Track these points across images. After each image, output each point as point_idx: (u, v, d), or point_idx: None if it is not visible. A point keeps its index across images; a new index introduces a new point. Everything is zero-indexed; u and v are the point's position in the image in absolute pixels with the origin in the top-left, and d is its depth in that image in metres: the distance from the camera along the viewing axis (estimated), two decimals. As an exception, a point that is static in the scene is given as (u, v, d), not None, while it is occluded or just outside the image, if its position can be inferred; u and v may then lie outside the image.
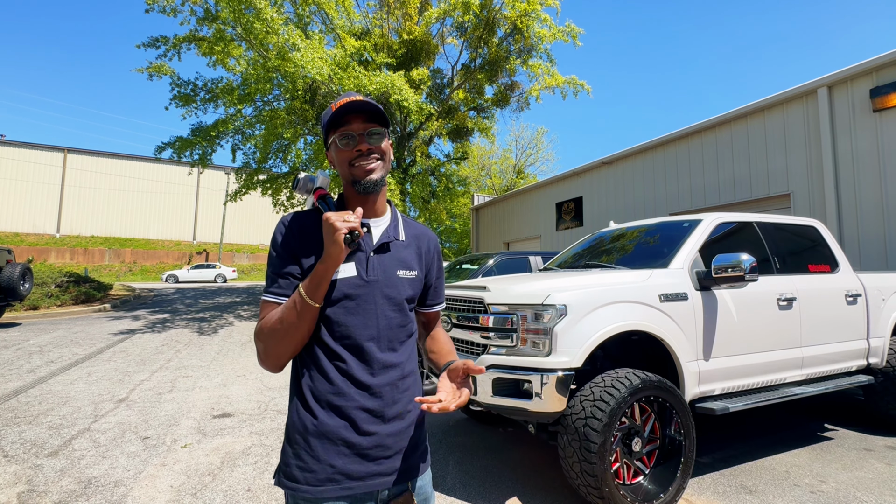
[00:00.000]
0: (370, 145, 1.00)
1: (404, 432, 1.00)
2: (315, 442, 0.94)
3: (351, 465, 0.94)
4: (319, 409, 0.95)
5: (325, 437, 0.94)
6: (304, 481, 0.93)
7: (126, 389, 5.04)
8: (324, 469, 0.93)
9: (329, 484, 0.92)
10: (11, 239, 30.19)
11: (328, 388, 0.96)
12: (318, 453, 0.93)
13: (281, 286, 0.98)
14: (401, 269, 1.04)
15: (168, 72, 10.59)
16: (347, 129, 0.99)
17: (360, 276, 0.99)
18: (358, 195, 1.04)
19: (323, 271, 0.92)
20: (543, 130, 33.87)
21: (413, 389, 1.05)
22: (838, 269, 3.74)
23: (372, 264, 1.01)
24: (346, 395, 0.95)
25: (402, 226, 1.11)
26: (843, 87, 6.72)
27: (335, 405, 0.95)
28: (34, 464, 3.13)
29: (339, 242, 0.89)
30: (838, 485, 2.87)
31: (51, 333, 8.66)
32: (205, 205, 38.04)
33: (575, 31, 11.31)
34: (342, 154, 1.01)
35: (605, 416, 2.34)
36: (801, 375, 3.32)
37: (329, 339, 0.97)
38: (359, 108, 0.99)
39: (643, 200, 10.17)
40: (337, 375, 0.96)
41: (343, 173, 1.03)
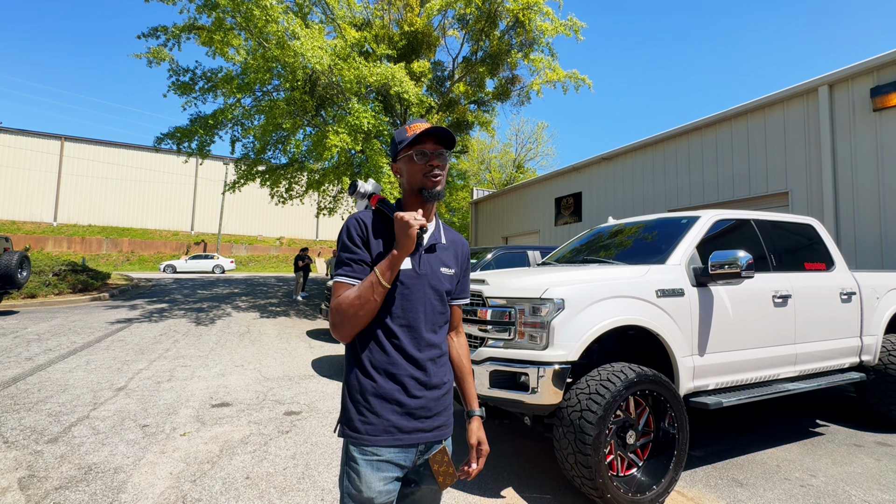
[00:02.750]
0: (440, 163, 1.24)
1: (442, 399, 1.24)
2: (374, 401, 1.16)
3: (402, 421, 1.17)
4: (378, 376, 1.17)
5: (383, 397, 1.16)
6: (366, 432, 1.15)
7: (125, 378, 5.07)
8: (381, 422, 1.15)
9: (385, 435, 1.15)
10: (8, 227, 30.04)
11: (385, 358, 1.18)
12: (377, 410, 1.16)
13: (355, 270, 1.19)
14: (443, 267, 1.27)
15: (166, 57, 10.48)
16: (423, 147, 1.22)
17: (415, 269, 1.21)
18: (421, 202, 1.26)
19: (397, 258, 1.14)
20: (544, 125, 33.80)
21: (447, 366, 1.30)
22: (834, 267, 3.78)
23: (423, 261, 1.24)
24: (398, 365, 1.18)
25: (444, 232, 1.34)
26: (843, 86, 6.72)
27: (391, 373, 1.17)
28: (34, 450, 3.16)
29: (412, 236, 1.13)
30: (828, 479, 2.92)
31: (49, 322, 8.67)
32: (203, 195, 37.88)
33: (577, 25, 11.24)
34: (416, 166, 1.23)
35: (601, 409, 2.38)
36: (795, 372, 3.36)
37: (387, 319, 1.19)
38: (434, 133, 1.22)
39: (642, 196, 10.18)
40: (392, 349, 1.18)
41: (413, 182, 1.25)
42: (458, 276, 1.33)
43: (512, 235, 15.71)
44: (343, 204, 16.14)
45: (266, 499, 2.57)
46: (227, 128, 12.04)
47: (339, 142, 9.33)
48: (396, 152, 1.28)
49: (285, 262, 36.27)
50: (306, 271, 14.80)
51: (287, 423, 3.81)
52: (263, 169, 13.71)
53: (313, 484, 2.76)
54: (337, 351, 7.04)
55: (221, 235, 35.63)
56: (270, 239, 40.00)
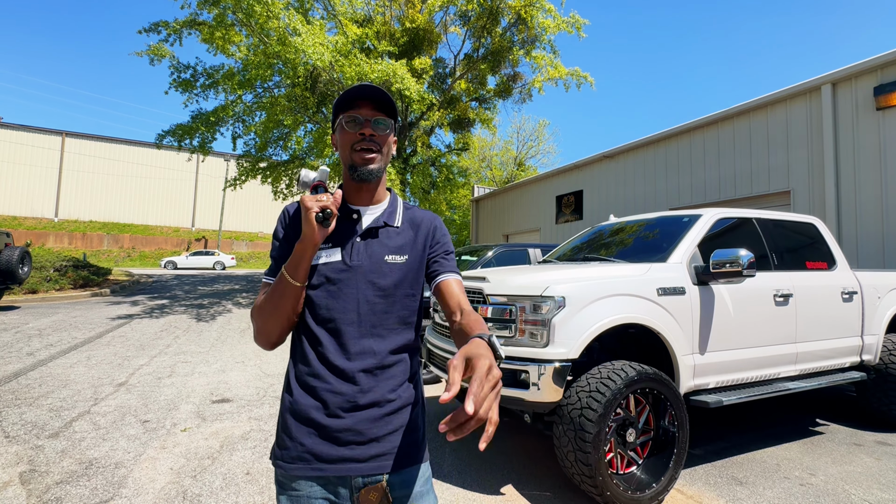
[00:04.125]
0: (374, 132, 1.00)
1: (382, 421, 0.97)
2: (290, 420, 0.96)
3: (320, 447, 0.94)
4: (297, 389, 0.98)
5: (298, 416, 0.96)
6: (280, 457, 0.96)
7: (125, 374, 5.08)
8: (295, 447, 0.95)
9: (299, 462, 0.94)
10: (9, 223, 30.07)
11: (305, 369, 0.98)
12: (291, 431, 0.96)
13: (274, 270, 1.03)
14: (389, 255, 1.03)
15: (167, 54, 10.48)
16: (356, 113, 1.00)
17: (344, 261, 1.00)
18: (353, 181, 1.04)
19: (300, 251, 0.94)
20: (545, 123, 33.71)
21: (399, 378, 1.01)
22: (835, 266, 3.77)
23: (357, 250, 1.02)
24: (320, 377, 0.96)
25: (401, 212, 1.10)
26: (846, 85, 6.69)
27: (310, 386, 0.97)
28: (35, 444, 3.17)
29: (310, 221, 0.91)
30: (827, 478, 2.92)
31: (50, 317, 8.68)
32: (204, 191, 37.88)
33: (580, 23, 11.20)
34: (346, 136, 1.01)
35: (601, 407, 2.37)
36: (795, 371, 3.36)
37: (312, 323, 0.99)
38: (369, 95, 1.00)
39: (643, 195, 10.16)
40: (314, 358, 0.98)
41: (344, 157, 1.03)
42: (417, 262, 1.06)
43: (513, 233, 15.70)
44: (344, 201, 16.12)
45: (266, 494, 2.58)
46: (229, 124, 12.03)
47: (341, 138, 9.31)
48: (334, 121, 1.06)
49: (286, 259, 36.27)
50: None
51: (287, 420, 3.82)
52: (264, 166, 13.71)
53: None
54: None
55: (222, 232, 35.65)
56: (271, 236, 40.02)
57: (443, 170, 16.47)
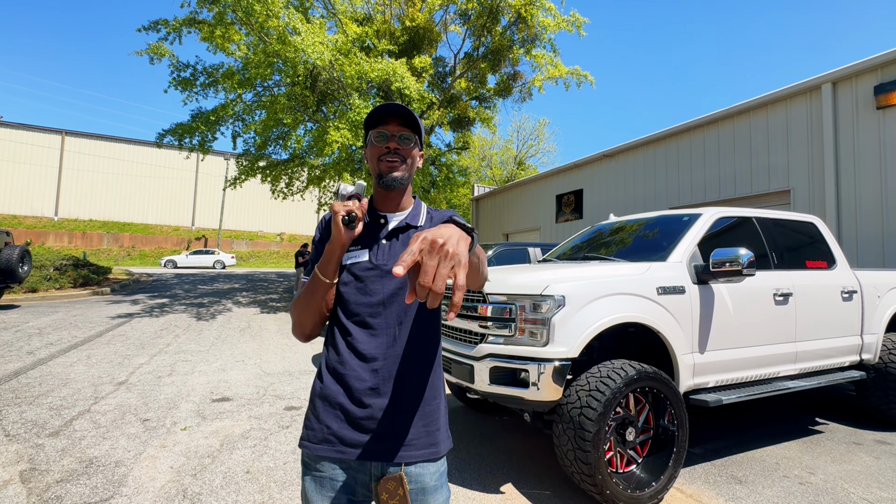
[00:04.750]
0: (399, 145, 1.12)
1: (404, 412, 1.04)
2: (319, 404, 1.07)
3: (344, 431, 1.03)
4: (327, 376, 1.09)
5: (326, 400, 1.06)
6: (307, 438, 1.06)
7: (125, 372, 5.08)
8: (321, 429, 1.04)
9: (324, 444, 1.03)
10: (9, 221, 30.06)
11: (335, 357, 1.09)
12: (319, 414, 1.06)
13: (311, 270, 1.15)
14: None
15: (167, 53, 10.45)
16: (383, 129, 1.13)
17: (370, 260, 1.12)
18: (380, 189, 1.16)
19: (330, 251, 1.07)
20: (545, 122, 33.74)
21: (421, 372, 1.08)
22: (835, 265, 3.77)
23: (383, 250, 1.13)
24: (347, 365, 1.06)
25: (424, 215, 1.21)
26: (847, 84, 6.69)
27: (338, 373, 1.07)
28: (35, 443, 3.17)
29: (337, 223, 1.04)
30: (827, 476, 2.92)
31: (50, 316, 8.69)
32: (204, 190, 37.87)
33: (580, 21, 11.17)
34: (374, 150, 1.14)
35: (601, 406, 2.38)
36: (795, 370, 3.36)
37: (342, 316, 1.11)
38: (395, 112, 1.12)
39: (643, 194, 10.16)
40: (344, 347, 1.09)
41: (372, 167, 1.16)
42: None
43: (513, 232, 15.71)
44: (344, 200, 16.12)
45: (266, 493, 2.58)
46: (229, 123, 12.02)
47: (340, 137, 9.31)
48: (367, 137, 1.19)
49: (286, 258, 36.29)
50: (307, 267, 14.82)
51: (287, 418, 3.82)
52: (264, 165, 13.70)
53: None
54: (337, 347, 7.04)
55: (222, 231, 35.64)
56: (271, 235, 40.01)
57: (443, 169, 16.46)
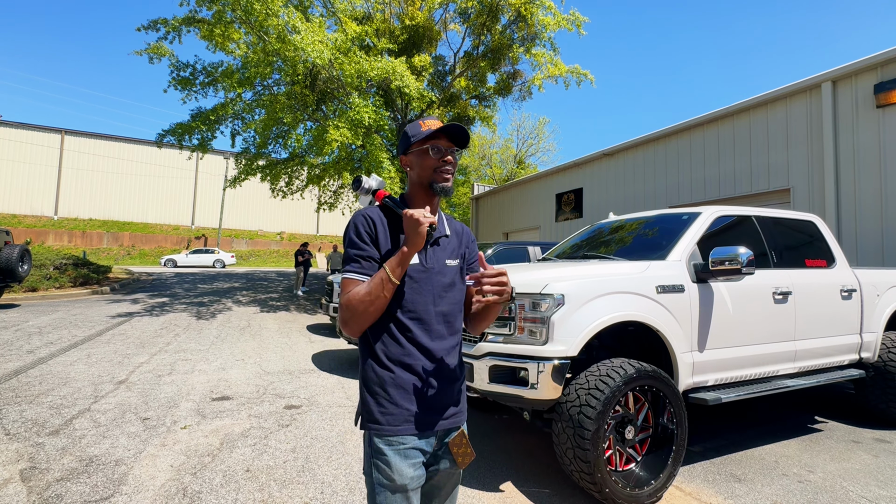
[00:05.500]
0: (453, 159, 1.28)
1: (456, 388, 1.28)
2: (393, 391, 1.20)
3: (421, 411, 1.21)
4: (395, 367, 1.21)
5: (401, 387, 1.20)
6: (387, 422, 1.19)
7: (125, 371, 5.09)
8: (401, 412, 1.19)
9: (405, 424, 1.19)
10: (9, 221, 30.05)
11: (400, 350, 1.22)
12: (396, 400, 1.20)
13: (364, 267, 1.22)
14: (448, 259, 1.31)
15: (167, 52, 10.44)
16: (438, 143, 1.26)
17: (422, 263, 1.25)
18: (428, 196, 1.30)
19: (407, 255, 1.16)
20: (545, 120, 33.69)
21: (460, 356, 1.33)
22: (835, 264, 3.77)
23: (430, 255, 1.27)
24: (414, 356, 1.22)
25: (447, 223, 1.37)
26: (847, 83, 6.69)
27: (407, 364, 1.21)
28: (36, 442, 3.17)
29: (422, 234, 1.14)
30: (825, 475, 2.93)
31: (50, 315, 8.69)
32: (203, 189, 37.84)
33: (579, 20, 11.16)
34: (429, 160, 1.26)
35: (600, 405, 2.38)
36: (794, 368, 3.36)
37: (398, 313, 1.22)
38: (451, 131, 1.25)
39: (643, 192, 10.16)
40: (406, 342, 1.22)
41: (423, 176, 1.28)
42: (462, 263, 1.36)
43: (512, 231, 15.70)
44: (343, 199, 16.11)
45: (266, 491, 2.59)
46: (228, 122, 12.00)
47: (340, 136, 9.30)
48: (409, 145, 1.30)
49: (286, 257, 36.29)
50: (307, 266, 14.82)
51: (287, 417, 3.83)
52: (264, 164, 13.68)
53: (313, 477, 2.78)
54: (337, 346, 7.05)
55: (222, 230, 35.63)
56: (271, 234, 40.00)
57: (442, 168, 16.40)
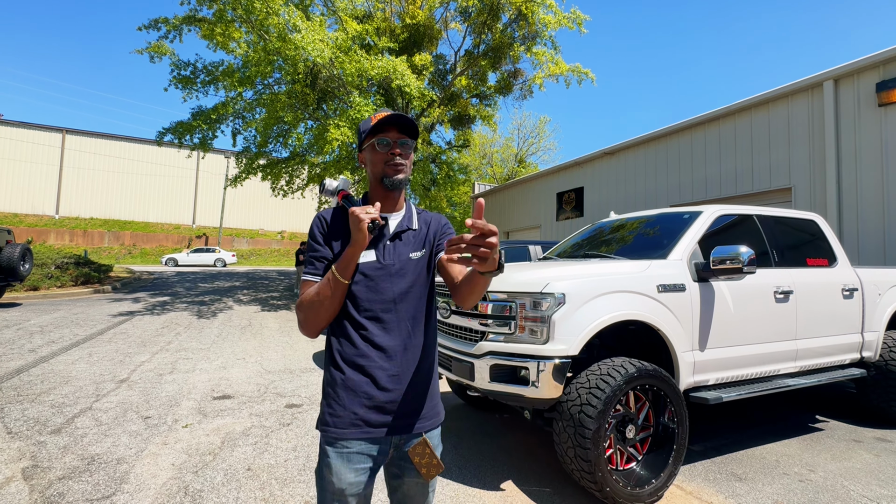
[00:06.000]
0: (401, 151, 1.23)
1: (420, 391, 1.21)
2: (343, 394, 1.16)
3: (370, 415, 1.15)
4: (347, 368, 1.17)
5: (351, 389, 1.16)
6: (333, 424, 1.16)
7: (127, 370, 5.10)
8: (348, 415, 1.15)
9: (352, 427, 1.15)
10: (10, 220, 30.09)
11: (354, 351, 1.17)
12: (344, 403, 1.16)
13: (317, 268, 1.21)
14: (412, 252, 1.25)
15: (167, 51, 10.44)
16: (385, 136, 1.22)
17: (378, 260, 1.21)
18: (384, 191, 1.26)
19: (351, 254, 1.13)
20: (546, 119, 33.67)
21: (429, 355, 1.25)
22: (836, 263, 3.76)
23: (388, 250, 1.23)
24: (368, 357, 1.17)
25: (416, 216, 1.33)
26: (849, 81, 6.66)
27: (359, 364, 1.17)
28: (37, 440, 3.18)
29: (363, 230, 1.11)
30: (826, 474, 2.93)
31: (51, 314, 8.71)
32: (204, 188, 37.85)
33: (581, 18, 11.14)
34: (378, 155, 1.23)
35: (600, 404, 2.38)
36: (795, 367, 3.36)
37: (354, 312, 1.19)
38: (396, 121, 1.21)
39: (644, 191, 10.15)
40: (360, 341, 1.17)
41: (376, 171, 1.25)
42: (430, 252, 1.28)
43: (513, 230, 15.69)
44: (344, 198, 16.10)
45: (267, 490, 2.59)
46: (229, 121, 12.01)
47: (341, 135, 9.30)
48: (361, 142, 1.28)
49: (287, 256, 36.31)
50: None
51: (288, 416, 3.83)
52: (265, 163, 13.69)
53: (314, 475, 2.78)
54: (338, 344, 7.05)
55: (223, 229, 35.66)
56: (272, 233, 40.03)
57: (443, 167, 16.43)
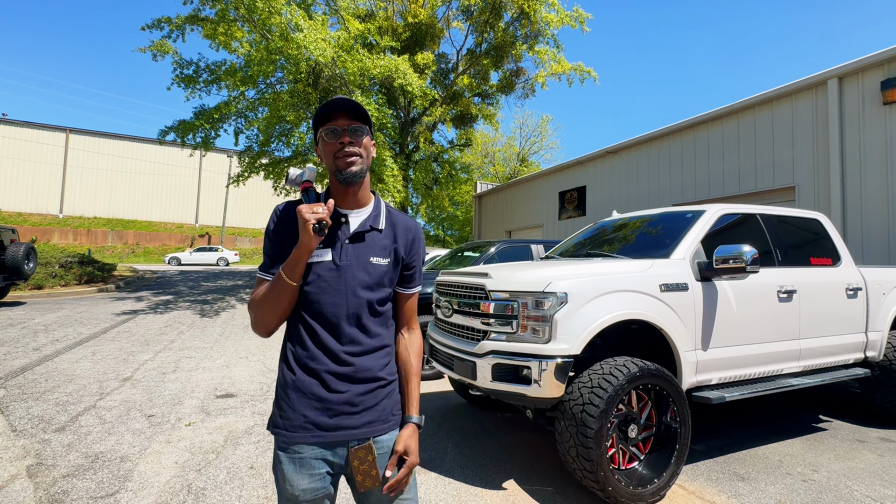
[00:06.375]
0: (352, 139, 1.11)
1: (373, 394, 1.15)
2: (293, 395, 1.11)
3: (320, 418, 1.10)
4: (298, 370, 1.12)
5: (300, 391, 1.11)
6: (283, 427, 1.11)
7: (130, 369, 5.12)
8: (297, 418, 1.09)
9: (302, 431, 1.09)
10: (14, 219, 30.24)
11: (304, 353, 1.12)
12: (294, 404, 1.11)
13: (269, 266, 1.14)
14: (374, 256, 1.16)
15: (170, 50, 10.48)
16: (333, 125, 1.11)
17: (334, 261, 1.13)
18: (339, 185, 1.15)
19: (297, 256, 1.06)
20: (548, 118, 33.59)
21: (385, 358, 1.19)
22: (840, 262, 3.74)
23: (346, 251, 1.14)
24: (318, 360, 1.11)
25: (384, 216, 1.22)
26: (853, 79, 6.63)
27: (309, 367, 1.11)
28: (42, 438, 3.20)
29: (308, 231, 1.03)
30: (830, 474, 2.92)
31: (55, 313, 8.75)
32: (207, 188, 37.96)
33: (583, 17, 11.12)
34: (327, 146, 1.12)
35: (603, 403, 2.38)
36: (799, 367, 3.35)
37: (306, 314, 1.13)
38: (342, 107, 1.10)
39: (647, 191, 10.12)
40: (311, 344, 1.12)
41: (328, 165, 1.14)
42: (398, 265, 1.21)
43: (515, 229, 15.68)
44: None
45: (270, 488, 2.60)
46: (231, 120, 12.04)
47: (343, 135, 9.31)
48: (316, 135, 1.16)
49: (289, 255, 36.36)
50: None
51: (291, 415, 3.84)
52: (267, 162, 13.72)
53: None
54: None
55: (226, 228, 35.76)
56: (274, 232, 40.10)
57: (445, 166, 16.43)
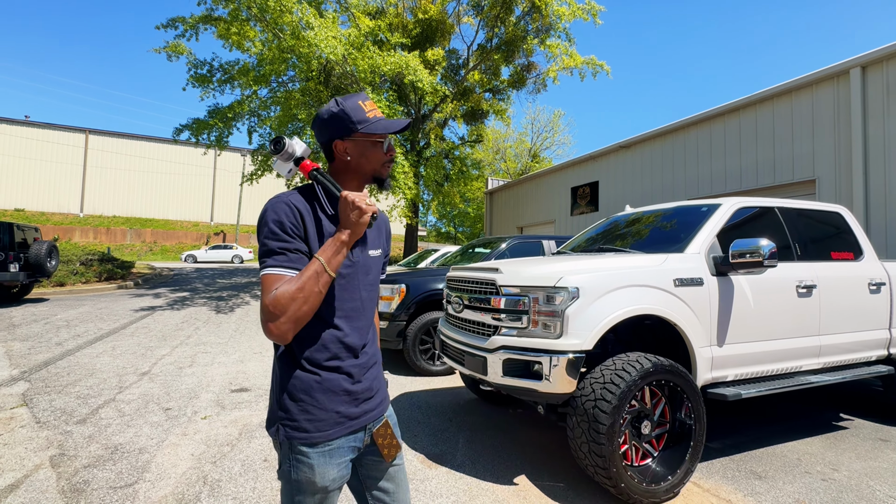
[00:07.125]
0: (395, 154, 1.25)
1: (379, 377, 1.25)
2: (320, 396, 1.10)
3: (351, 409, 1.14)
4: (320, 371, 1.11)
5: (329, 391, 1.11)
6: (316, 429, 1.09)
7: (148, 363, 5.23)
8: (330, 416, 1.11)
9: (336, 427, 1.11)
10: (38, 218, 31.12)
11: (327, 351, 1.12)
12: (324, 405, 1.10)
13: (291, 259, 1.06)
14: (372, 250, 1.23)
15: (184, 50, 10.65)
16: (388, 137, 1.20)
17: (349, 257, 1.15)
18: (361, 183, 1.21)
19: (346, 244, 1.07)
20: (560, 113, 33.25)
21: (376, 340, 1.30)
22: (862, 256, 3.64)
23: (358, 248, 1.18)
24: (342, 357, 1.14)
25: None
26: (877, 68, 6.41)
27: (335, 366, 1.13)
28: (64, 430, 3.29)
29: (365, 222, 1.07)
30: (851, 473, 2.84)
31: (77, 309, 8.99)
32: (221, 186, 38.53)
33: (595, 9, 10.97)
34: (377, 154, 1.18)
35: (615, 399, 2.35)
36: (818, 364, 3.27)
37: (328, 312, 1.13)
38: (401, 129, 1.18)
39: (661, 186, 9.95)
40: (334, 342, 1.13)
41: (368, 168, 1.19)
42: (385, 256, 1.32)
43: (527, 225, 15.58)
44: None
45: (283, 481, 2.64)
46: (244, 119, 12.19)
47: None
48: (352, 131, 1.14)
49: (302, 253, 36.74)
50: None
51: (304, 409, 3.89)
52: (279, 160, 13.84)
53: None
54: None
55: (240, 226, 36.27)
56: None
57: (456, 162, 16.39)
